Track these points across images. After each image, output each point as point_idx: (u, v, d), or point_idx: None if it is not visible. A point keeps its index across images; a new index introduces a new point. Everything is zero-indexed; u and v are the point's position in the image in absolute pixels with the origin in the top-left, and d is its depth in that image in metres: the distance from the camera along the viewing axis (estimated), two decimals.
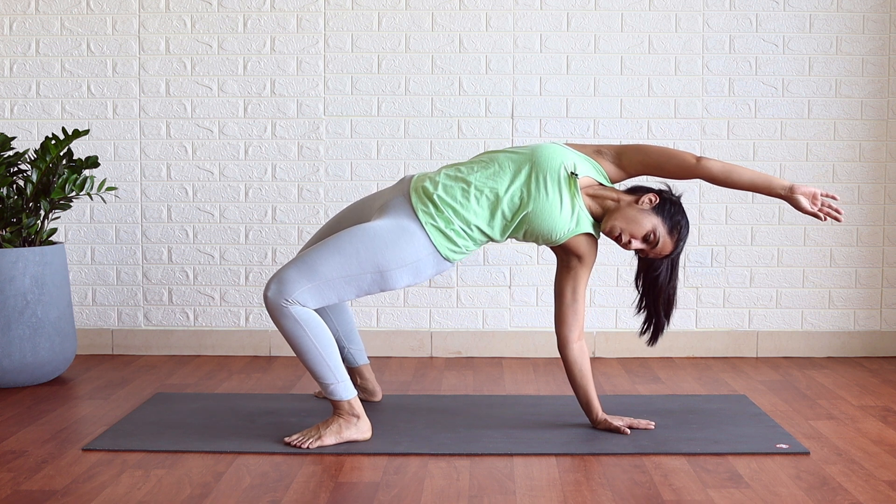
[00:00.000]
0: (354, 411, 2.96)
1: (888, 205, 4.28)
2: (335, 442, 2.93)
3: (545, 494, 2.57)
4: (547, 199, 2.96)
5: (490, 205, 2.98)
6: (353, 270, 2.92)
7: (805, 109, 4.26)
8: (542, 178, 2.96)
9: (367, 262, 2.92)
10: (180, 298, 4.33)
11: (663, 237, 2.98)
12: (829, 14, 4.23)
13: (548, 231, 2.99)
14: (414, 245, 2.95)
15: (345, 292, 2.95)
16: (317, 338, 2.90)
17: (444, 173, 3.05)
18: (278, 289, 2.89)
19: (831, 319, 4.32)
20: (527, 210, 2.97)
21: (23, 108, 4.30)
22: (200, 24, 4.26)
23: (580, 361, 3.08)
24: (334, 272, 2.91)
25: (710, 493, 2.58)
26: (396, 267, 2.94)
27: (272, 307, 2.89)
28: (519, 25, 4.24)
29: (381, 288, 2.97)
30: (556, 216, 2.97)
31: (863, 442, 3.03)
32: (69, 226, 4.31)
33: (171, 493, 2.57)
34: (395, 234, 2.95)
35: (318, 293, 2.91)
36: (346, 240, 2.95)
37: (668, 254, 3.01)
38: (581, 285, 3.08)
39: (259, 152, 4.28)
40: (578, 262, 3.06)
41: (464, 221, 2.98)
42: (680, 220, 3.01)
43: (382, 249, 2.93)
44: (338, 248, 2.94)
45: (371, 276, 2.93)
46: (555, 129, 4.23)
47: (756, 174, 2.96)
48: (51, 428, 3.16)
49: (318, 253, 2.93)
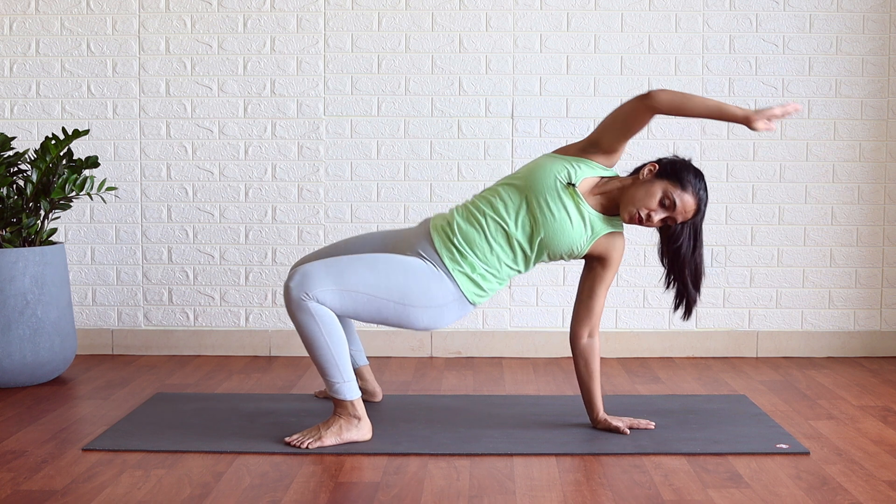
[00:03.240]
0: (356, 412, 2.96)
1: (888, 205, 4.28)
2: (335, 443, 2.93)
3: (545, 494, 2.57)
4: (555, 220, 2.96)
5: (507, 241, 2.99)
6: (380, 292, 2.92)
7: (805, 109, 4.26)
8: (542, 201, 2.96)
9: (395, 291, 2.93)
10: (180, 298, 4.33)
11: (679, 196, 2.93)
12: (829, 14, 4.23)
13: (568, 247, 2.99)
14: (442, 290, 2.97)
15: (363, 310, 2.93)
16: (330, 336, 2.90)
17: (457, 217, 3.04)
18: (301, 282, 2.87)
19: (831, 319, 4.32)
20: (540, 236, 2.97)
21: (23, 108, 4.30)
22: (200, 24, 4.26)
23: (586, 357, 3.08)
24: (361, 286, 2.91)
25: (710, 493, 2.58)
26: (421, 305, 2.95)
27: (292, 298, 2.88)
28: (519, 25, 4.24)
29: (399, 320, 2.97)
30: (570, 231, 2.96)
31: (863, 442, 3.03)
32: (69, 226, 4.31)
33: (171, 493, 2.57)
34: (427, 275, 2.97)
35: (339, 299, 2.90)
36: (382, 261, 2.95)
37: (696, 211, 2.94)
38: (599, 286, 3.07)
39: (259, 152, 4.28)
40: (600, 264, 3.07)
41: (488, 263, 2.99)
42: (687, 174, 2.94)
43: (412, 285, 2.94)
44: (371, 265, 2.94)
45: (395, 305, 2.94)
46: (555, 129, 4.23)
47: (709, 102, 2.84)
48: (51, 428, 3.16)
49: (351, 262, 2.93)
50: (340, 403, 2.96)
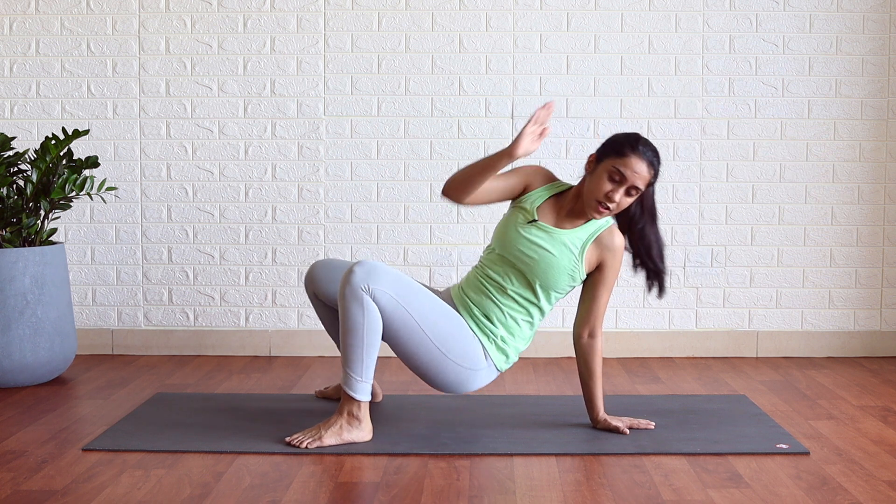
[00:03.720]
0: (360, 414, 2.96)
1: (888, 205, 4.28)
2: (335, 443, 2.93)
3: (545, 494, 2.57)
4: (539, 261, 3.00)
5: (513, 300, 3.03)
6: (427, 328, 2.94)
7: (805, 109, 4.26)
8: (518, 253, 3.01)
9: (441, 336, 2.95)
10: (180, 298, 4.33)
11: (624, 165, 2.92)
12: (829, 14, 4.23)
13: (567, 276, 3.02)
14: (477, 355, 3.01)
15: (405, 335, 2.93)
16: (368, 333, 2.89)
17: (469, 290, 3.07)
18: (369, 273, 2.87)
19: (831, 319, 4.32)
20: (538, 282, 3.01)
21: (23, 108, 4.30)
22: (200, 24, 4.26)
23: (587, 357, 3.09)
24: (416, 311, 2.92)
25: (710, 493, 2.58)
26: (456, 361, 2.98)
27: (351, 283, 2.86)
28: (519, 25, 4.24)
29: (430, 366, 2.98)
30: (558, 262, 3.00)
31: (863, 442, 3.03)
32: (69, 226, 4.31)
33: (171, 493, 2.57)
34: (469, 337, 3.01)
35: (391, 309, 2.89)
36: (442, 305, 2.99)
37: (650, 168, 2.94)
38: (600, 288, 3.07)
39: (259, 152, 4.28)
40: (598, 271, 3.08)
41: (507, 327, 3.04)
42: (623, 143, 2.95)
43: (458, 338, 2.98)
44: (433, 301, 2.96)
45: (435, 349, 2.96)
46: (555, 128, 4.23)
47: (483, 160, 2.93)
48: (51, 428, 3.16)
49: (419, 287, 2.96)
50: (348, 400, 2.95)
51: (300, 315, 4.31)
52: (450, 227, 4.27)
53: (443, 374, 3.00)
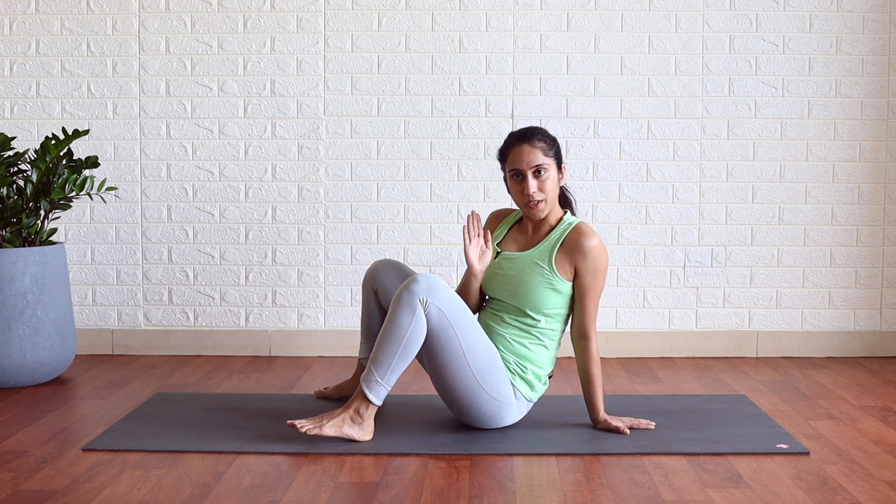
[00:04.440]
0: (366, 414, 2.96)
1: (888, 205, 4.28)
2: (333, 434, 2.93)
3: (545, 494, 2.57)
4: (518, 286, 3.07)
5: (517, 329, 3.08)
6: (471, 356, 2.97)
7: (805, 109, 4.26)
8: (497, 288, 3.12)
9: (481, 366, 2.98)
10: (180, 298, 4.33)
11: (514, 162, 3.05)
12: (829, 14, 4.23)
13: (551, 291, 3.06)
14: (508, 389, 3.04)
15: (448, 354, 2.95)
16: (408, 342, 2.90)
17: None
18: (430, 287, 2.90)
19: (831, 319, 4.32)
20: (528, 306, 3.06)
21: (23, 108, 4.30)
22: (200, 24, 4.26)
23: (581, 360, 3.10)
24: (463, 336, 2.94)
25: (710, 493, 2.58)
26: (491, 393, 3.00)
27: (409, 291, 2.89)
28: (519, 25, 4.24)
29: (464, 393, 2.99)
30: (532, 280, 3.05)
31: (863, 442, 3.03)
32: (69, 226, 4.31)
33: (171, 493, 2.57)
34: (504, 373, 3.04)
35: (442, 325, 2.92)
36: (485, 336, 3.02)
37: (543, 146, 3.05)
38: (582, 293, 3.07)
39: (259, 152, 4.28)
40: (577, 276, 3.08)
41: (520, 355, 3.08)
42: (500, 148, 3.13)
43: (495, 372, 3.01)
44: (479, 329, 3.00)
45: (473, 378, 2.98)
46: (555, 129, 4.23)
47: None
48: (51, 428, 3.16)
49: (472, 316, 2.99)
50: (361, 398, 2.94)
51: (300, 315, 4.31)
52: (450, 227, 4.27)
53: (476, 406, 3.02)
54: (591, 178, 4.25)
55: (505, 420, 3.08)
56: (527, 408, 3.13)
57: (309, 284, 4.30)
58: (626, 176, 4.26)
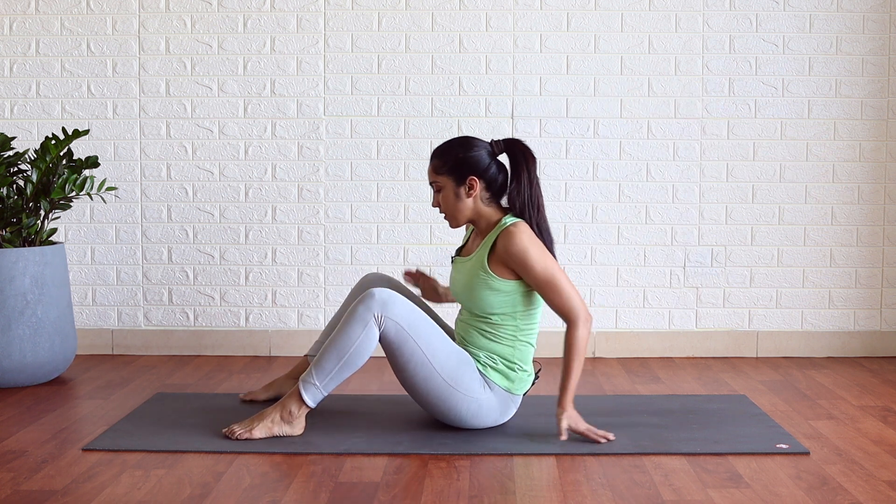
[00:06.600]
0: (298, 414, 3.00)
1: (888, 205, 4.28)
2: (264, 436, 2.98)
3: (545, 494, 2.57)
4: (465, 294, 3.11)
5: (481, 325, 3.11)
6: (436, 363, 2.99)
7: (805, 109, 4.26)
8: (458, 298, 3.16)
9: (448, 369, 3.00)
10: (180, 298, 4.33)
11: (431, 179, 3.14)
12: (829, 14, 4.23)
13: (493, 292, 3.06)
14: (478, 383, 3.05)
15: (413, 364, 2.98)
16: (354, 354, 2.94)
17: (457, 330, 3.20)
18: (382, 303, 2.94)
19: (831, 319, 4.32)
20: (478, 309, 3.09)
21: (23, 108, 4.30)
22: (200, 24, 4.26)
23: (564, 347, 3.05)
24: (423, 340, 2.98)
25: (710, 493, 2.58)
26: (464, 392, 3.02)
27: (363, 305, 2.94)
28: (519, 25, 4.24)
29: (438, 399, 3.01)
30: (474, 285, 3.08)
31: (863, 442, 3.03)
32: (69, 226, 4.31)
33: (171, 493, 2.57)
34: (472, 368, 3.06)
35: (402, 337, 2.96)
36: (448, 338, 3.05)
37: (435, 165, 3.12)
38: (535, 287, 3.04)
39: (259, 152, 4.28)
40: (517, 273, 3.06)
41: (492, 350, 3.10)
42: None
43: (463, 371, 3.02)
44: (440, 334, 3.02)
45: (443, 382, 3.00)
46: (555, 129, 4.23)
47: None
48: (51, 428, 3.16)
49: (430, 323, 3.02)
50: (295, 398, 2.99)
51: (300, 315, 4.31)
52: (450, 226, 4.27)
53: (456, 408, 3.03)
54: (592, 178, 4.25)
55: (490, 415, 3.07)
56: (513, 402, 3.11)
57: (309, 284, 4.30)
58: (626, 176, 4.26)
